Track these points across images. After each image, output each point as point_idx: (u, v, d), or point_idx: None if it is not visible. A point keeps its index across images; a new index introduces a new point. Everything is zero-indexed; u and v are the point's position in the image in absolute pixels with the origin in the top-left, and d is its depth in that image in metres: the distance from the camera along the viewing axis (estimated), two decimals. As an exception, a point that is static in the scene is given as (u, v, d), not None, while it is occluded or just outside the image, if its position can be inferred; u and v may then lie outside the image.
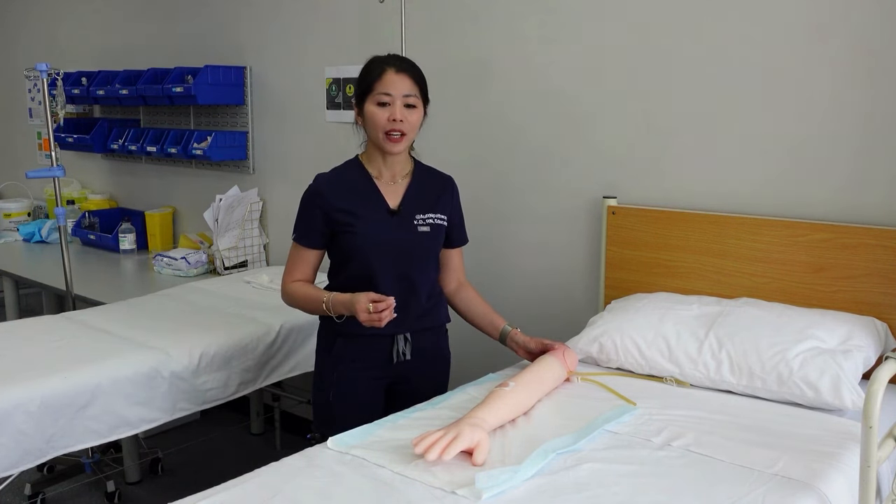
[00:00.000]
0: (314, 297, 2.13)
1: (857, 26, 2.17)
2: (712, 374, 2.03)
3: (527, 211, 2.93)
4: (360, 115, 2.13)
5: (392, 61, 2.10)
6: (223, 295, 3.23)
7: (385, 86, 2.06)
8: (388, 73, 2.07)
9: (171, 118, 4.35)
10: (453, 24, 3.05)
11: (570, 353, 2.12)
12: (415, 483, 1.53)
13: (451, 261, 2.31)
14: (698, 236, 2.45)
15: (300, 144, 3.71)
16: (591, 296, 2.76)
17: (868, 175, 2.20)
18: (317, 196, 2.14)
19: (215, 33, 4.04)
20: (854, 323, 2.08)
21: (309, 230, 2.16)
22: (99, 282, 3.65)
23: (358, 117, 2.15)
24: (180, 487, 1.82)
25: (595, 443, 1.71)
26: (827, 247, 2.22)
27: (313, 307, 2.15)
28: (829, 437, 1.73)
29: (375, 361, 2.17)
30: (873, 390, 1.48)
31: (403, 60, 2.13)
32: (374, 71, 2.09)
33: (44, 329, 2.72)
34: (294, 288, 2.19)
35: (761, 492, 1.49)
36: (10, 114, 5.70)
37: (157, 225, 4.30)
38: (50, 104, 3.32)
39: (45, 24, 5.29)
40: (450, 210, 2.24)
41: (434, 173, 2.27)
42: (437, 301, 2.27)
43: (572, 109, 2.76)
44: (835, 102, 2.23)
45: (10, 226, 4.79)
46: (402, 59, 2.14)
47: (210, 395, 2.62)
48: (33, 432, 2.20)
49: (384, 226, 2.12)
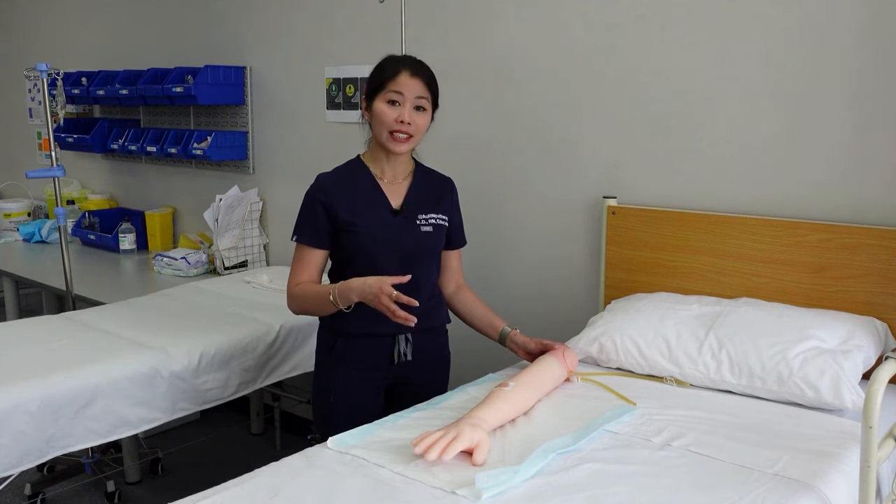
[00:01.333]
0: (320, 293, 2.08)
1: (858, 26, 2.17)
2: (712, 374, 2.03)
3: (527, 211, 2.93)
4: (368, 110, 2.11)
5: (408, 62, 2.09)
6: (223, 295, 3.23)
7: (398, 85, 2.05)
8: (403, 75, 2.06)
9: (171, 118, 4.35)
10: (453, 25, 3.05)
11: (569, 353, 2.12)
12: (415, 483, 1.53)
13: (450, 263, 2.31)
14: (698, 236, 2.45)
15: (300, 144, 3.71)
16: (591, 296, 2.76)
17: (868, 175, 2.20)
18: (319, 195, 2.12)
19: (215, 33, 4.04)
20: (854, 323, 2.08)
21: (313, 229, 2.13)
22: (99, 282, 3.65)
23: (365, 112, 2.13)
24: (180, 487, 1.82)
25: (595, 443, 1.71)
26: (827, 247, 2.22)
27: (320, 303, 2.09)
28: (829, 437, 1.73)
29: (376, 362, 2.17)
30: (873, 390, 1.48)
31: (419, 64, 2.11)
32: (389, 70, 2.08)
33: (44, 329, 2.72)
34: (299, 290, 2.14)
35: (761, 492, 1.49)
36: (10, 114, 5.70)
37: (157, 225, 4.30)
38: (50, 104, 3.32)
39: (45, 24, 5.29)
40: (450, 211, 2.24)
41: (434, 174, 2.27)
42: (438, 301, 2.26)
43: (572, 109, 2.76)
44: (835, 102, 2.23)
45: (10, 226, 4.79)
46: (417, 61, 2.12)
47: (210, 395, 2.62)
48: (33, 432, 2.20)
49: (387, 225, 2.12)
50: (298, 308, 2.17)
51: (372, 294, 1.94)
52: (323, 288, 2.09)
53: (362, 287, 1.97)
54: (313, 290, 2.11)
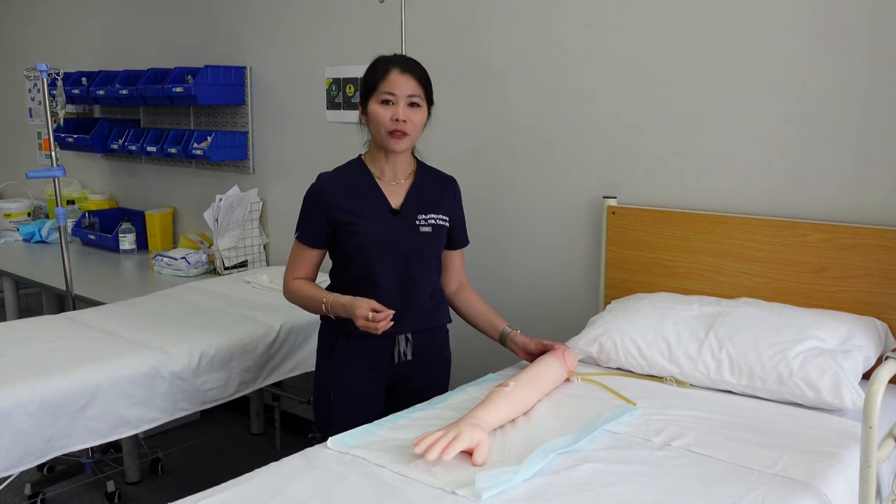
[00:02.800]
0: (315, 297, 2.14)
1: (858, 26, 2.17)
2: (712, 374, 2.03)
3: (527, 211, 2.93)
4: (364, 113, 2.13)
5: (397, 61, 2.10)
6: (223, 295, 3.23)
7: (389, 85, 2.06)
8: (393, 73, 2.07)
9: (171, 118, 4.35)
10: (453, 24, 3.05)
11: (569, 353, 2.12)
12: (415, 483, 1.53)
13: (452, 262, 2.31)
14: (698, 236, 2.45)
15: (300, 144, 3.71)
16: (591, 296, 2.76)
17: (868, 175, 2.20)
18: (319, 195, 2.14)
19: (215, 33, 4.04)
20: (854, 323, 2.08)
21: (311, 229, 2.16)
22: (99, 282, 3.65)
23: (362, 116, 2.15)
24: (180, 487, 1.82)
25: (595, 443, 1.71)
26: (827, 247, 2.22)
27: (313, 307, 2.16)
28: (829, 437, 1.73)
29: (376, 362, 2.17)
30: (873, 390, 1.48)
31: (409, 61, 2.12)
32: (379, 70, 2.09)
33: (44, 329, 2.72)
34: (295, 286, 2.20)
35: (761, 492, 1.49)
36: (10, 114, 5.70)
37: (157, 225, 4.30)
38: (50, 104, 3.32)
39: (45, 24, 5.29)
40: (451, 211, 2.24)
41: (436, 174, 2.27)
42: (439, 301, 2.26)
43: (572, 109, 2.76)
44: (835, 102, 2.23)
45: (10, 226, 4.79)
46: (407, 59, 2.13)
47: (210, 395, 2.62)
48: (33, 432, 2.20)
49: (386, 225, 2.12)
50: (292, 300, 2.23)
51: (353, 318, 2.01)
52: (318, 293, 2.14)
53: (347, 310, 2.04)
54: (309, 293, 2.16)
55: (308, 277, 2.21)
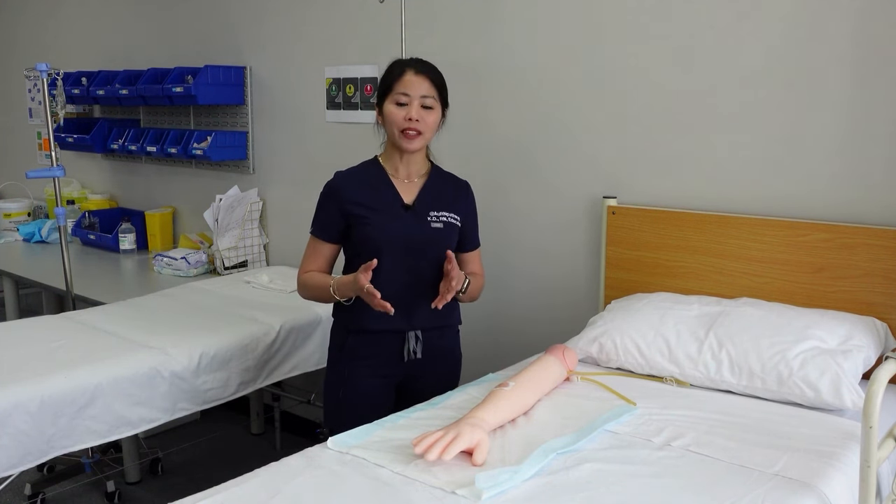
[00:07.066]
0: (323, 284, 2.18)
1: (858, 26, 2.17)
2: (712, 374, 2.03)
3: (527, 211, 2.93)
4: (381, 114, 2.18)
5: (412, 63, 2.17)
6: (223, 295, 3.23)
7: (404, 86, 2.12)
8: (408, 74, 2.13)
9: (171, 118, 4.35)
10: (453, 25, 3.05)
11: (569, 352, 2.12)
12: (415, 483, 1.53)
13: (466, 266, 2.30)
14: (698, 236, 2.45)
15: (300, 144, 3.71)
16: (591, 296, 2.76)
17: (868, 175, 2.20)
18: (334, 189, 2.20)
19: (215, 33, 4.04)
20: (854, 323, 2.08)
21: (325, 223, 2.21)
22: (99, 282, 3.65)
23: (378, 116, 2.21)
24: (180, 487, 1.82)
25: (595, 443, 1.71)
26: (827, 247, 2.22)
27: (323, 294, 2.19)
28: (829, 437, 1.73)
29: (386, 359, 2.19)
30: (873, 390, 1.48)
31: (424, 63, 2.18)
32: (395, 71, 2.16)
33: (44, 329, 2.72)
34: (306, 277, 2.24)
35: (761, 492, 1.49)
36: (10, 114, 5.70)
37: (157, 225, 4.30)
38: (50, 104, 3.32)
39: (46, 24, 5.29)
40: (464, 213, 2.27)
41: (451, 177, 2.31)
42: (451, 301, 2.26)
43: (572, 109, 2.76)
44: (835, 102, 2.23)
45: (10, 226, 4.79)
46: (422, 62, 2.19)
47: (210, 395, 2.62)
48: (33, 432, 2.20)
49: (398, 219, 2.16)
50: (305, 294, 2.26)
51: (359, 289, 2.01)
52: (325, 279, 2.19)
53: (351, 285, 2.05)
54: (319, 281, 2.21)
55: (320, 271, 2.24)
